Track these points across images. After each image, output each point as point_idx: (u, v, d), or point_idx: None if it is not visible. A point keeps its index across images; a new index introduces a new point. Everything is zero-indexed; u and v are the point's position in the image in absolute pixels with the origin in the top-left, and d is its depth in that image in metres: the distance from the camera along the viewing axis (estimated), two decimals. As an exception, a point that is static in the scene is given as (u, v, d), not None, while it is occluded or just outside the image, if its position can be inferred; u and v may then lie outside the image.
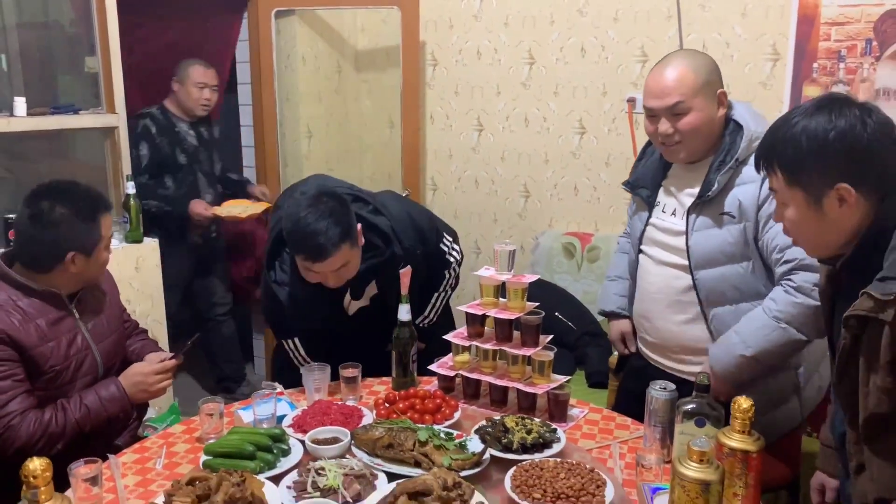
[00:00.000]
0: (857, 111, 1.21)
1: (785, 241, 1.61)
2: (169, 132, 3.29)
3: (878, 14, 2.83)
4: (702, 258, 1.79)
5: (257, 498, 1.33)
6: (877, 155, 1.20)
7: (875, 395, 1.17)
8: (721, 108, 1.79)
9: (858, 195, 1.21)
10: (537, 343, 1.85)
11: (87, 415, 1.72)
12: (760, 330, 1.68)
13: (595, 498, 1.37)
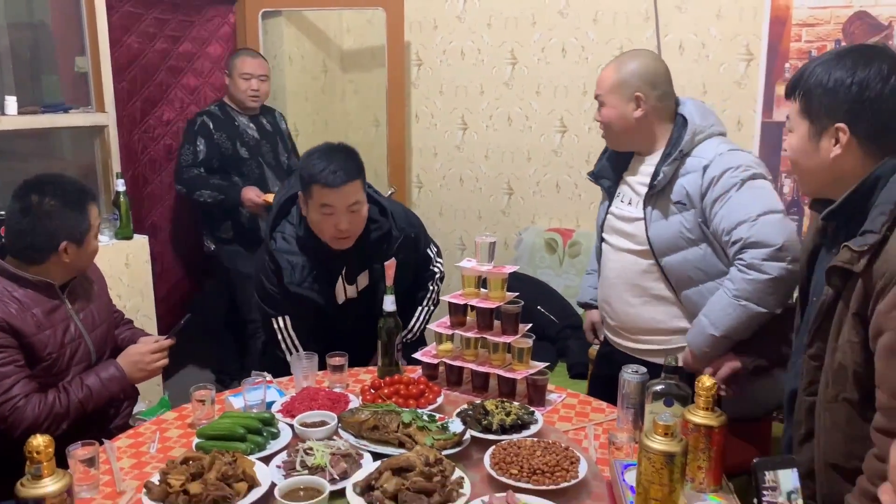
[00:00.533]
0: (886, 66, 1.26)
1: (730, 223, 1.74)
2: (228, 127, 3.24)
3: (846, 16, 2.94)
4: (664, 246, 1.90)
5: (248, 476, 1.40)
6: (885, 109, 1.25)
7: (842, 348, 1.25)
8: (637, 108, 1.92)
9: (852, 139, 1.28)
10: (517, 331, 1.93)
11: (89, 395, 1.79)
12: (724, 310, 1.78)
13: (569, 473, 1.44)
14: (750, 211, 1.75)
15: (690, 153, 1.87)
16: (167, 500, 1.34)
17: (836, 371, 1.29)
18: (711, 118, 1.95)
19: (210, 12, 3.45)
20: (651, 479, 1.27)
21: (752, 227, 1.73)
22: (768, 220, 1.74)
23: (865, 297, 1.23)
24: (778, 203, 1.78)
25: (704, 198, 1.82)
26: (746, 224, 1.74)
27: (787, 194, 3.15)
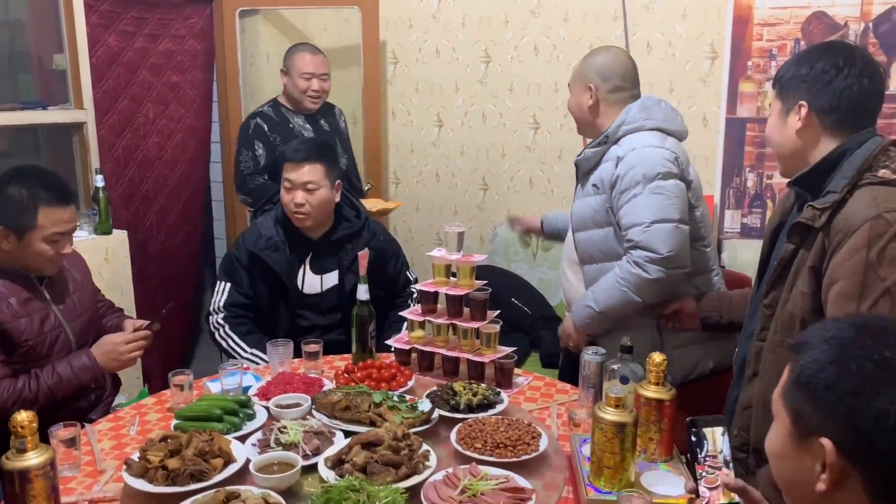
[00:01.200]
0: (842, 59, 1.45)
1: (628, 222, 1.92)
2: (283, 128, 3.06)
3: (805, 16, 3.05)
4: (578, 221, 2.09)
5: (224, 452, 1.47)
6: (841, 93, 1.43)
7: (794, 299, 1.42)
8: (589, 98, 2.08)
9: (811, 114, 1.46)
10: (485, 317, 2.01)
11: (59, 382, 1.83)
12: (608, 290, 1.96)
13: (530, 447, 1.53)
14: (646, 216, 1.90)
15: (617, 142, 2.01)
16: (146, 475, 1.41)
17: (786, 319, 1.45)
18: (656, 113, 2.04)
19: (188, 11, 3.50)
20: (604, 448, 1.36)
21: (644, 233, 1.89)
22: (660, 228, 1.89)
23: (823, 251, 1.39)
24: (675, 212, 1.91)
25: (614, 188, 1.97)
26: (640, 228, 1.90)
27: (750, 188, 3.26)
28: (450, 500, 1.33)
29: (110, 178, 3.10)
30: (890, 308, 1.31)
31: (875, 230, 1.32)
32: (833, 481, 0.83)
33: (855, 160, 1.42)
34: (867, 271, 1.32)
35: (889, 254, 1.31)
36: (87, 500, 1.42)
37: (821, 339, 0.87)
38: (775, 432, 0.93)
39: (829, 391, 0.83)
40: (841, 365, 0.83)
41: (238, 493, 1.31)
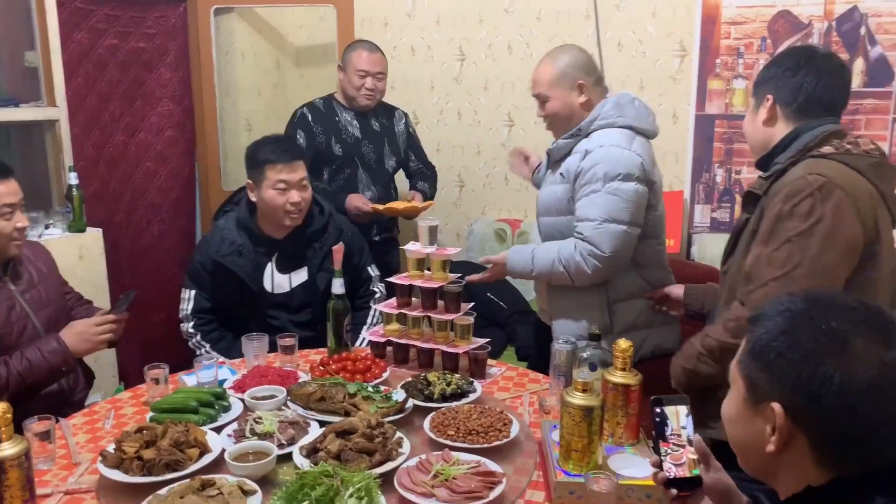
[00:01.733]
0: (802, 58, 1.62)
1: (582, 215, 2.01)
2: (327, 121, 3.04)
3: (770, 15, 3.13)
4: (543, 207, 2.18)
5: (200, 442, 1.48)
6: (799, 82, 1.60)
7: (737, 261, 1.58)
8: (581, 95, 2.10)
9: (776, 106, 1.63)
10: (459, 309, 2.05)
11: (28, 367, 1.82)
12: (548, 260, 2.06)
13: (502, 433, 1.56)
14: (599, 214, 1.98)
15: (588, 136, 2.07)
16: (122, 466, 1.42)
17: (732, 279, 1.62)
18: (629, 111, 2.08)
19: (161, 8, 3.49)
20: (572, 431, 1.40)
21: (594, 230, 1.98)
22: (608, 228, 1.97)
23: (761, 216, 1.55)
24: (626, 215, 1.98)
25: (577, 180, 2.05)
26: (591, 224, 1.99)
27: (719, 183, 3.33)
28: (422, 484, 1.36)
29: (83, 176, 3.08)
30: (788, 254, 1.47)
31: (794, 188, 1.49)
32: (782, 443, 0.90)
33: (804, 140, 1.58)
34: (778, 221, 1.50)
35: (800, 210, 1.47)
36: (62, 491, 1.43)
37: (775, 311, 0.94)
38: (731, 399, 0.99)
39: (780, 359, 0.90)
40: (791, 335, 0.90)
41: (213, 481, 1.33)
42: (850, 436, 0.87)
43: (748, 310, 1.49)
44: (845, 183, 1.47)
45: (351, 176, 3.05)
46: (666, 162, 3.40)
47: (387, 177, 3.13)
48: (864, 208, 1.48)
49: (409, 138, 3.25)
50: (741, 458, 1.01)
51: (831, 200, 1.45)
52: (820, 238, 1.45)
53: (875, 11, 2.99)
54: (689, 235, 3.36)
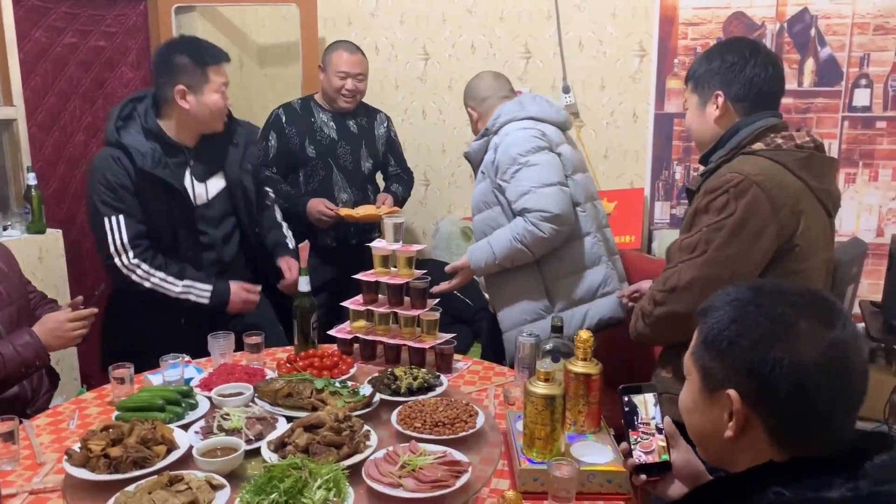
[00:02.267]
0: (748, 49, 1.67)
1: (516, 194, 2.18)
2: (302, 122, 3.01)
3: (725, 16, 3.23)
4: (474, 206, 2.39)
5: (167, 439, 1.49)
6: (748, 77, 1.64)
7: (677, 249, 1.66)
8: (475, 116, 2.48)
9: (727, 102, 1.66)
10: (425, 305, 2.07)
11: (1, 363, 1.78)
12: (505, 244, 2.21)
13: (467, 424, 1.59)
14: (531, 184, 2.17)
15: (496, 133, 2.31)
16: (88, 464, 1.41)
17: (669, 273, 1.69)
18: (530, 106, 2.33)
19: (121, 6, 3.45)
20: (535, 420, 1.44)
21: (533, 198, 2.16)
22: (545, 191, 2.16)
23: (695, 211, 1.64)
24: (553, 176, 2.18)
25: (497, 173, 2.25)
26: (529, 195, 2.17)
27: (678, 180, 3.42)
28: (390, 475, 1.38)
29: (42, 177, 3.04)
30: (696, 242, 1.59)
31: (713, 183, 1.58)
32: (739, 428, 0.94)
33: (739, 137, 1.63)
34: (696, 214, 1.61)
35: (715, 205, 1.57)
36: (27, 491, 1.42)
37: (723, 301, 0.98)
38: (687, 390, 1.03)
39: (732, 346, 0.94)
40: (741, 322, 0.94)
41: (182, 477, 1.34)
42: (803, 416, 0.91)
43: (660, 284, 1.67)
44: (765, 180, 1.54)
45: (326, 178, 3.01)
46: (626, 160, 3.48)
47: (363, 178, 3.09)
48: (783, 204, 1.54)
49: (390, 142, 3.22)
50: (700, 447, 1.05)
51: (745, 197, 1.53)
52: (726, 231, 1.55)
53: (824, 13, 3.10)
54: (649, 231, 3.44)
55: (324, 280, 2.89)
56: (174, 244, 2.25)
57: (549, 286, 2.26)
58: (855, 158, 3.16)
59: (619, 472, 1.42)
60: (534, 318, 2.26)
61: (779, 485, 0.88)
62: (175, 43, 2.36)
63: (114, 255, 2.16)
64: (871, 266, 3.12)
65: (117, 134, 2.16)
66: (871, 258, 3.10)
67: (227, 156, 2.35)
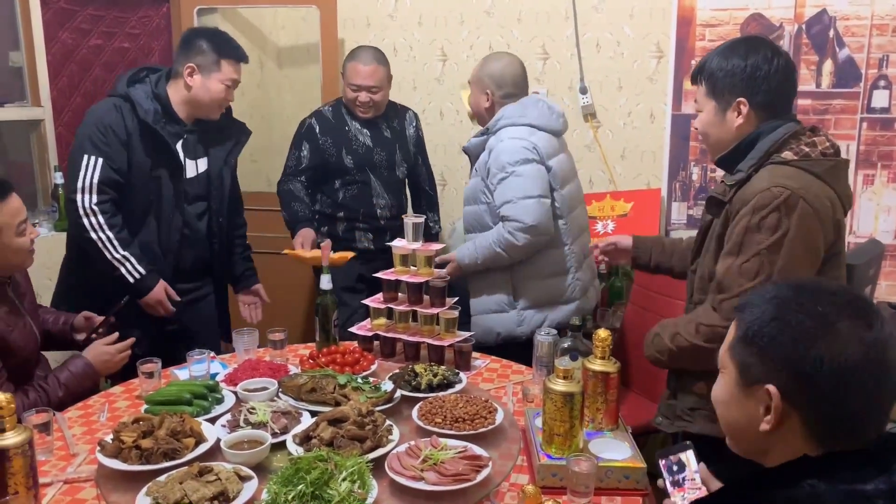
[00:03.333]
0: (769, 51, 1.60)
1: (501, 200, 2.29)
2: (336, 132, 2.92)
3: (743, 17, 3.23)
4: (466, 198, 2.50)
5: (196, 432, 1.53)
6: (773, 83, 1.58)
7: (705, 262, 1.62)
8: (486, 101, 2.45)
9: (751, 110, 1.60)
10: (444, 303, 2.11)
11: (67, 393, 1.85)
12: (487, 248, 2.34)
13: (487, 420, 1.63)
14: (513, 194, 2.28)
15: (495, 134, 2.37)
16: (120, 455, 1.46)
17: (700, 280, 1.65)
18: (531, 112, 2.38)
19: (145, 9, 3.51)
20: (554, 416, 1.47)
21: (513, 208, 2.27)
22: (525, 203, 2.27)
23: (727, 221, 1.59)
24: (535, 189, 2.28)
25: (488, 174, 2.35)
26: (510, 204, 2.29)
27: (695, 181, 3.43)
28: (412, 468, 1.42)
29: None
30: (758, 266, 1.51)
31: (761, 200, 1.51)
32: (776, 422, 0.96)
33: (765, 144, 1.59)
34: (747, 233, 1.52)
35: (768, 222, 1.50)
36: (62, 480, 1.47)
37: (763, 299, 1.01)
38: (722, 382, 1.05)
39: (772, 343, 0.96)
40: (782, 320, 0.96)
41: (211, 468, 1.38)
42: (841, 412, 0.93)
43: (721, 318, 1.54)
44: (807, 193, 1.51)
45: (364, 185, 2.94)
46: (643, 160, 3.49)
47: (397, 184, 3.04)
48: (826, 215, 1.53)
49: (419, 141, 3.17)
50: (732, 439, 1.07)
51: (796, 213, 1.49)
52: (786, 250, 1.50)
53: (843, 14, 3.10)
54: (666, 232, 3.45)
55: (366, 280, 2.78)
56: (157, 204, 2.31)
57: (517, 285, 2.39)
58: (873, 160, 3.16)
59: (637, 469, 1.45)
60: (497, 310, 2.41)
61: (813, 477, 0.90)
62: (204, 29, 2.57)
63: (77, 192, 2.19)
64: (889, 267, 3.12)
65: (126, 88, 2.28)
66: (889, 259, 3.10)
67: (215, 145, 2.48)
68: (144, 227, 2.31)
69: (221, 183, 2.49)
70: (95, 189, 2.19)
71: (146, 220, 2.31)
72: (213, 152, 2.47)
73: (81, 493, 1.45)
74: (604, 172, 3.52)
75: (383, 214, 2.96)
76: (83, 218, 2.20)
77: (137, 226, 2.30)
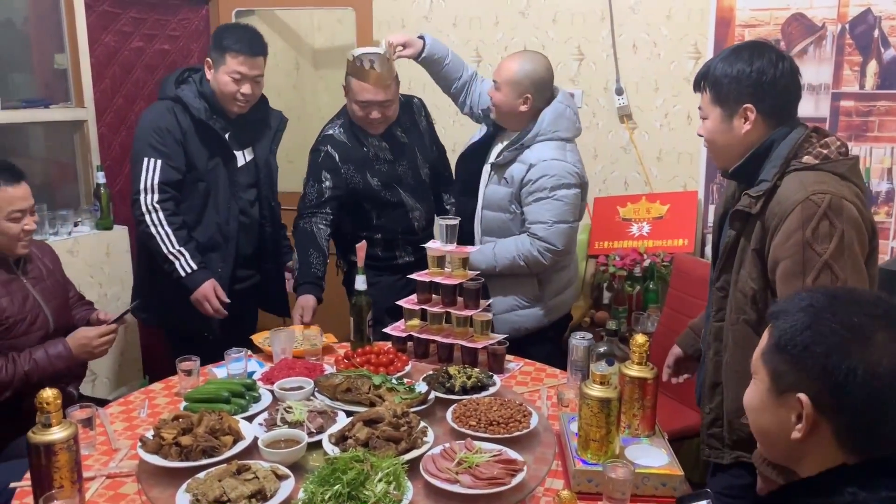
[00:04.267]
0: (774, 55, 1.55)
1: (534, 218, 2.33)
2: (356, 154, 2.62)
3: (784, 17, 3.17)
4: (488, 203, 2.48)
5: (234, 430, 1.55)
6: (779, 88, 1.54)
7: (742, 279, 1.55)
8: (523, 104, 2.39)
9: (758, 116, 1.54)
10: (478, 305, 2.11)
11: (34, 367, 1.93)
12: (507, 258, 2.37)
13: (521, 424, 1.62)
14: (549, 217, 2.33)
15: (529, 147, 2.37)
16: (160, 451, 1.49)
17: (739, 299, 1.57)
18: (562, 123, 2.39)
19: (185, 11, 3.57)
20: (590, 422, 1.46)
21: (546, 230, 2.33)
22: (559, 228, 2.34)
23: (762, 234, 1.52)
24: (570, 215, 2.37)
25: (522, 188, 2.36)
26: (543, 226, 2.33)
27: (733, 184, 3.37)
28: (447, 471, 1.42)
29: (110, 175, 3.17)
30: (830, 279, 1.43)
31: (806, 211, 1.45)
32: (807, 431, 0.95)
33: (782, 150, 1.54)
34: (805, 249, 1.45)
35: (821, 231, 1.45)
36: (104, 475, 1.51)
37: (797, 307, 0.99)
38: (754, 389, 1.04)
39: (806, 352, 0.95)
40: (816, 329, 0.95)
41: (249, 466, 1.40)
42: (873, 422, 0.92)
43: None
44: (844, 194, 1.47)
45: (397, 203, 2.68)
46: (680, 162, 3.45)
47: (424, 189, 2.79)
48: (864, 213, 1.50)
49: (430, 128, 2.92)
50: (763, 445, 1.06)
51: (843, 214, 1.45)
52: (849, 252, 1.45)
53: (888, 14, 3.02)
54: (702, 235, 3.40)
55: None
56: (215, 193, 2.45)
57: (543, 280, 2.45)
58: (919, 163, 3.08)
59: (674, 476, 1.43)
60: (523, 306, 2.45)
61: (853, 485, 0.89)
62: (224, 25, 2.67)
63: (140, 192, 2.34)
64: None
65: (175, 90, 2.40)
66: (935, 266, 3.01)
67: (259, 134, 2.57)
68: (206, 217, 2.45)
69: (269, 170, 2.60)
70: (157, 189, 2.34)
71: (206, 209, 2.45)
72: (258, 142, 2.57)
73: (123, 487, 1.48)
74: (639, 174, 3.48)
75: (420, 226, 2.73)
76: (145, 215, 2.34)
77: (200, 215, 2.44)
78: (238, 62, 2.35)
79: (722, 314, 1.63)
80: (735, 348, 1.57)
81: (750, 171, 1.58)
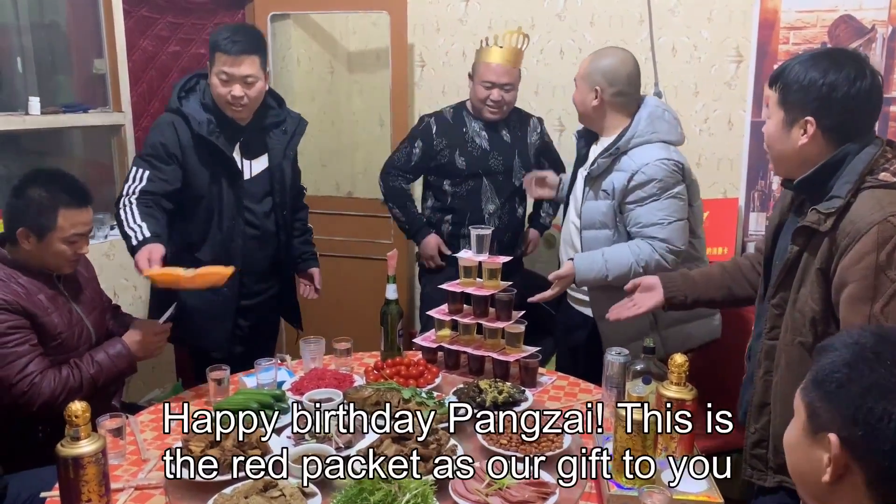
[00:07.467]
0: (853, 72, 1.42)
1: (647, 221, 2.16)
2: (454, 132, 2.88)
3: (832, 19, 3.05)
4: (587, 221, 2.29)
5: (262, 443, 1.54)
6: (849, 108, 1.42)
7: (802, 298, 1.46)
8: (595, 98, 2.25)
9: (818, 131, 1.45)
10: (510, 317, 2.07)
11: (99, 370, 1.90)
12: (623, 263, 2.15)
13: (554, 444, 1.58)
14: (664, 216, 2.16)
15: (627, 153, 2.20)
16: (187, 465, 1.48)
17: (796, 319, 1.49)
18: (661, 126, 2.22)
19: (220, 16, 3.60)
20: (625, 444, 1.41)
21: (665, 230, 2.16)
22: (676, 226, 2.18)
23: (830, 254, 1.42)
24: (683, 212, 2.20)
25: (626, 196, 2.18)
26: (659, 226, 2.16)
27: (775, 190, 3.27)
28: (476, 492, 1.39)
29: (147, 179, 3.20)
30: None
31: (882, 234, 1.36)
32: (837, 474, 0.89)
33: (857, 165, 1.43)
34: (878, 274, 1.36)
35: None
36: (133, 486, 1.50)
37: (843, 343, 0.94)
38: (793, 426, 0.99)
39: (841, 390, 0.89)
40: (854, 367, 0.89)
41: (276, 483, 1.38)
42: None
43: None
44: None
45: (475, 188, 2.87)
46: (720, 168, 3.35)
47: (512, 190, 2.91)
48: None
49: (543, 146, 3.06)
50: (798, 485, 1.00)
51: None
52: None
53: (943, 15, 2.90)
54: (743, 243, 3.31)
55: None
56: (219, 213, 2.34)
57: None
58: (974, 171, 2.94)
59: (713, 503, 1.37)
60: (637, 337, 2.09)
61: None
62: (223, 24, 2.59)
63: (123, 196, 2.23)
64: None
65: (178, 102, 2.31)
66: None
67: (273, 140, 2.45)
68: (210, 234, 2.34)
69: (283, 176, 2.47)
70: (133, 194, 2.22)
71: (209, 228, 2.34)
72: (273, 147, 2.45)
73: (151, 500, 1.48)
74: (677, 181, 3.40)
75: (491, 221, 2.82)
76: (119, 210, 2.20)
77: (204, 233, 2.34)
78: (222, 61, 2.21)
79: (776, 332, 1.54)
80: (787, 370, 1.49)
81: (818, 184, 1.48)
